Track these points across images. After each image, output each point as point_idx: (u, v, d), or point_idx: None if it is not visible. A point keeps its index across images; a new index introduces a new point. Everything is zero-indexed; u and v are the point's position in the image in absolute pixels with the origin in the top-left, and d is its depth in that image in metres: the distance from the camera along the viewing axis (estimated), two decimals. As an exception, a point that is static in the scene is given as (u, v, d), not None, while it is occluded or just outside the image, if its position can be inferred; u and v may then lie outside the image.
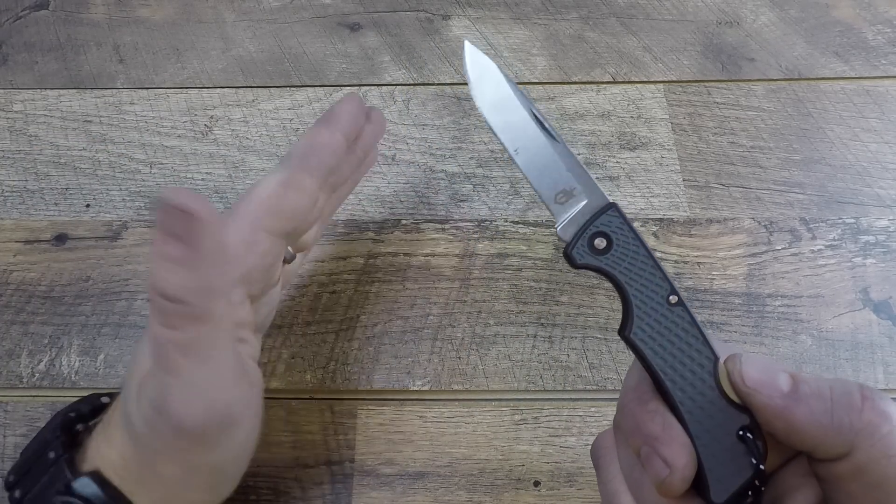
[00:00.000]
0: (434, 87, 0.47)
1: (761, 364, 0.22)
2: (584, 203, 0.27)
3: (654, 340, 0.24)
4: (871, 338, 0.38)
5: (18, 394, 0.37)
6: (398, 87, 0.47)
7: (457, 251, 0.41)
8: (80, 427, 0.28)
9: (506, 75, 0.29)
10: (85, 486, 0.25)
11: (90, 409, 0.29)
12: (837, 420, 0.20)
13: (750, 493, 0.23)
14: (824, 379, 0.22)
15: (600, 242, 0.26)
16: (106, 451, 0.26)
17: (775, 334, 0.38)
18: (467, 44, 0.30)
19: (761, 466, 0.22)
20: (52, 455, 0.26)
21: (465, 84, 0.47)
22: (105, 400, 0.29)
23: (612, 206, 0.26)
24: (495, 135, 0.28)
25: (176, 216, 0.22)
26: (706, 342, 0.24)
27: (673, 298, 0.24)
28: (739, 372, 0.22)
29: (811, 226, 0.41)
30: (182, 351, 0.23)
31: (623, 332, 0.25)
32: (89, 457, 0.26)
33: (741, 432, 0.23)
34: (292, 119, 0.46)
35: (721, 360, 0.24)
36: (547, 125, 0.28)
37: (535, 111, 0.28)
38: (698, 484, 0.23)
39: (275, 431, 0.35)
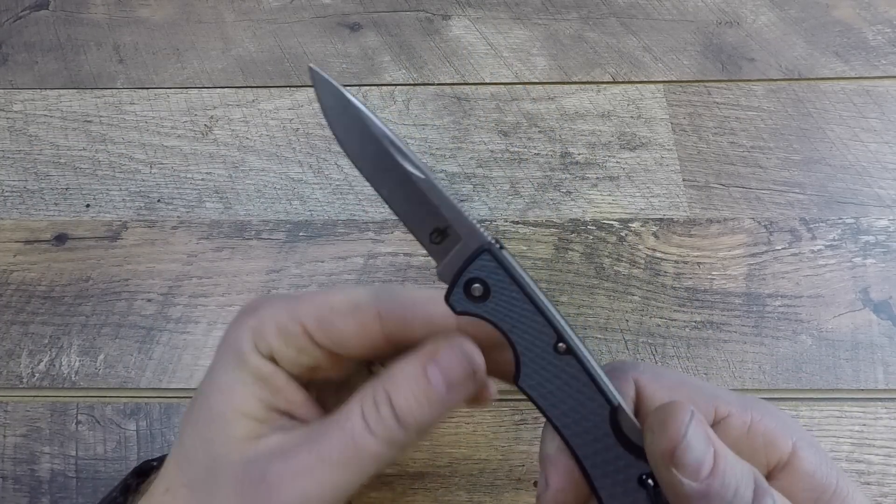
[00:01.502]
0: (434, 87, 0.47)
1: (703, 443, 0.21)
2: (458, 244, 0.24)
3: (544, 388, 0.23)
4: (871, 338, 0.38)
5: (18, 394, 0.37)
6: (398, 87, 0.47)
7: (457, 251, 0.41)
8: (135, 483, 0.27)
9: (360, 103, 0.26)
10: None
11: (142, 470, 0.28)
12: None
13: None
14: (740, 471, 0.21)
15: (477, 289, 0.24)
16: None
17: (775, 334, 0.38)
18: (315, 70, 0.26)
19: None
20: None
21: (466, 84, 0.48)
22: (155, 464, 0.28)
23: (486, 250, 0.24)
24: (360, 172, 0.25)
25: (463, 357, 0.24)
26: (599, 390, 0.23)
27: (561, 346, 0.23)
28: (675, 447, 0.20)
29: (811, 226, 0.41)
30: (360, 455, 0.23)
31: (515, 379, 0.24)
32: None
33: (643, 476, 0.22)
34: (292, 119, 0.46)
35: (652, 396, 0.23)
36: (412, 157, 0.25)
37: (395, 142, 0.25)
38: None
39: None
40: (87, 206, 0.43)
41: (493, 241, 0.24)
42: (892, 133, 0.45)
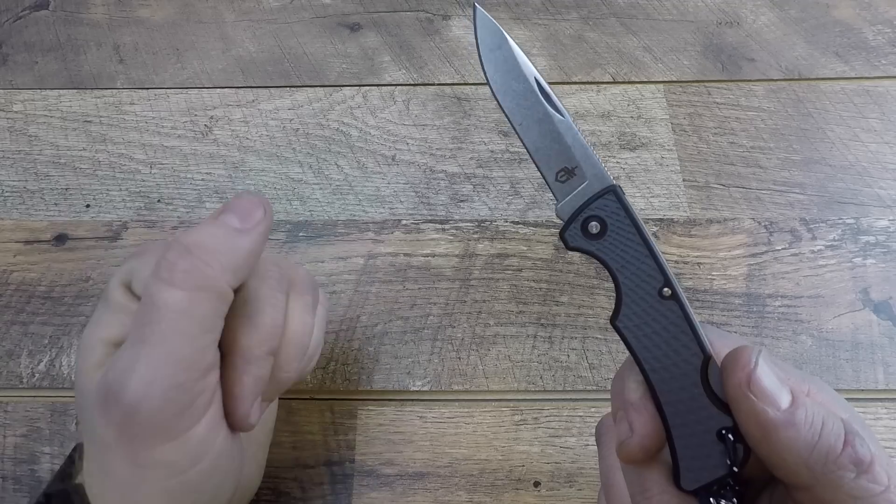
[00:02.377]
0: (434, 87, 0.47)
1: (774, 376, 0.22)
2: (584, 184, 0.26)
3: (642, 331, 0.24)
4: (871, 338, 0.38)
5: (18, 394, 0.37)
6: (398, 87, 0.47)
7: (457, 251, 0.41)
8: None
9: (515, 44, 0.28)
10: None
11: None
12: (815, 456, 0.20)
13: (724, 489, 0.23)
14: (820, 408, 0.21)
15: (594, 227, 0.25)
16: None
17: (775, 334, 0.38)
18: (478, 8, 0.28)
19: (735, 469, 0.22)
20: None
21: (466, 84, 0.47)
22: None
23: (611, 190, 0.25)
24: (500, 106, 0.27)
25: (253, 202, 0.25)
26: (697, 339, 0.23)
27: (666, 291, 0.24)
28: (749, 374, 0.21)
29: (811, 226, 0.41)
30: (167, 314, 0.22)
31: (612, 319, 0.24)
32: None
33: (723, 431, 0.23)
34: (292, 119, 0.46)
35: (720, 353, 0.23)
36: (553, 99, 0.27)
37: (541, 83, 0.27)
38: (675, 470, 0.23)
39: (275, 432, 0.35)
40: (87, 206, 0.43)
41: (617, 185, 0.25)
42: (892, 133, 0.45)
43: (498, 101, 0.27)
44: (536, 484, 0.34)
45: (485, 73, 0.27)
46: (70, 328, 0.39)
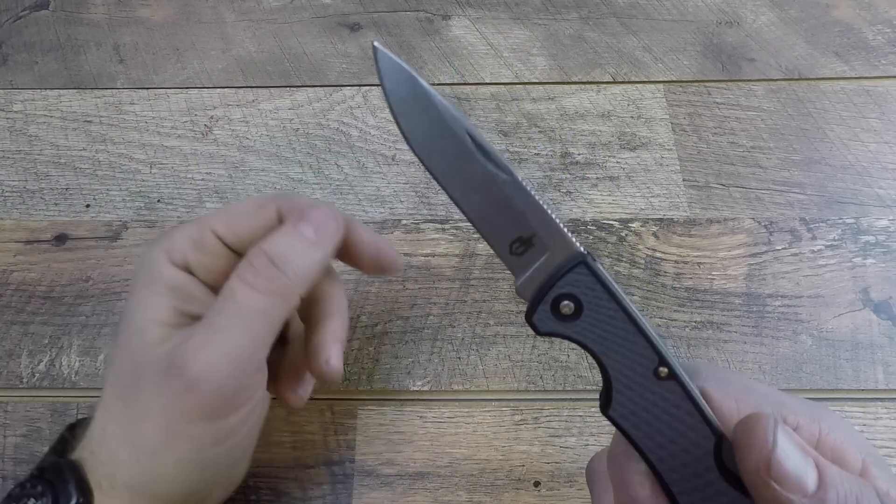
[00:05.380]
0: (434, 87, 0.47)
1: (797, 453, 0.19)
2: (545, 255, 0.21)
3: (640, 418, 0.21)
4: (871, 338, 0.38)
5: (18, 394, 0.37)
6: (398, 87, 0.47)
7: (457, 251, 0.41)
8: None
9: (433, 90, 0.23)
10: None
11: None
12: None
13: None
14: (851, 483, 0.19)
15: (567, 307, 0.21)
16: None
17: (775, 334, 0.38)
18: (380, 50, 0.22)
19: None
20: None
21: (466, 84, 0.48)
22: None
23: (581, 261, 0.21)
24: (427, 169, 0.22)
25: (328, 215, 0.27)
26: (705, 419, 0.20)
27: (663, 371, 0.20)
28: (768, 457, 0.18)
29: (811, 226, 0.41)
30: (245, 312, 0.25)
31: (603, 408, 0.21)
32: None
33: None
34: (292, 119, 0.46)
35: (720, 404, 0.21)
36: (493, 155, 0.22)
37: (475, 136, 0.22)
38: None
39: (275, 431, 0.35)
40: (87, 206, 0.43)
41: (586, 252, 0.21)
42: (892, 133, 0.45)
43: (423, 164, 0.22)
44: (536, 484, 0.34)
45: (401, 131, 0.22)
46: (70, 328, 0.39)
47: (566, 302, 0.21)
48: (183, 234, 0.27)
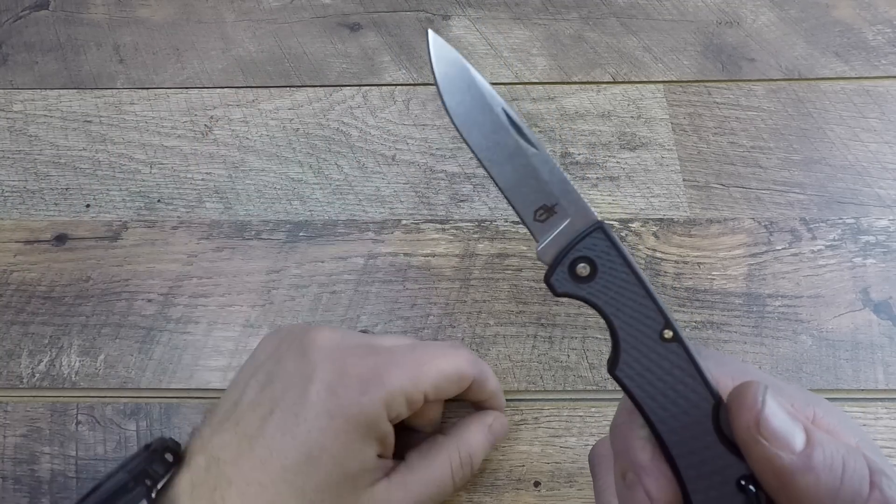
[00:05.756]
0: (434, 87, 0.47)
1: (785, 414, 0.20)
2: (566, 222, 0.24)
3: (645, 379, 0.22)
4: (871, 338, 0.38)
5: (18, 394, 0.37)
6: (398, 87, 0.47)
7: (457, 251, 0.41)
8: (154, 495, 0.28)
9: (476, 71, 0.25)
10: None
11: (164, 472, 0.28)
12: (840, 502, 0.19)
13: None
14: (839, 446, 0.19)
15: (583, 269, 0.23)
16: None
17: (775, 334, 0.38)
18: (432, 35, 0.26)
19: None
20: None
21: (465, 84, 0.47)
22: (170, 458, 0.28)
23: (599, 227, 0.23)
24: (465, 141, 0.25)
25: (504, 420, 0.34)
26: (705, 382, 0.22)
27: (668, 333, 0.22)
28: (757, 415, 0.19)
29: (811, 226, 0.41)
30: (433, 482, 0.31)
31: (610, 368, 0.23)
32: None
33: (742, 482, 0.21)
34: (292, 119, 0.46)
35: (720, 382, 0.22)
36: (525, 130, 0.25)
37: (509, 112, 0.25)
38: None
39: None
40: (87, 206, 0.43)
41: (603, 221, 0.23)
42: (892, 133, 0.45)
43: (462, 137, 0.25)
44: (536, 484, 0.34)
45: (444, 107, 0.25)
46: (70, 328, 0.39)
47: (583, 264, 0.23)
48: (401, 393, 0.28)
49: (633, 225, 0.41)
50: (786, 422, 0.19)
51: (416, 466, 0.30)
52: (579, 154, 0.44)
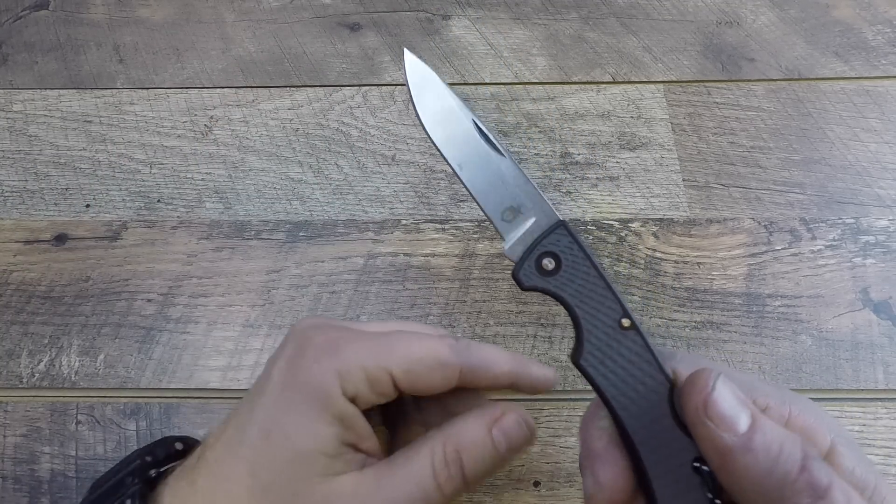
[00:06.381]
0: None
1: (733, 399, 0.21)
2: (531, 221, 0.26)
3: (605, 366, 0.23)
4: (871, 338, 0.38)
5: (18, 394, 0.37)
6: (398, 87, 0.47)
7: (457, 251, 0.41)
8: (153, 473, 0.27)
9: (447, 86, 0.28)
10: None
11: (165, 455, 0.28)
12: (771, 482, 0.20)
13: None
14: (780, 432, 0.21)
15: (549, 263, 0.25)
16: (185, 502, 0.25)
17: (775, 334, 0.38)
18: (406, 53, 0.28)
19: (717, 501, 0.22)
20: (128, 503, 0.25)
21: (466, 84, 0.47)
22: (179, 446, 0.29)
23: (561, 224, 0.25)
24: (437, 149, 0.27)
25: (521, 421, 0.27)
26: (660, 368, 0.23)
27: (625, 322, 0.24)
28: (706, 398, 0.21)
29: (811, 226, 0.41)
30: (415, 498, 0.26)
31: (574, 358, 0.24)
32: None
33: (696, 464, 0.22)
34: (292, 119, 0.46)
35: (683, 374, 0.23)
36: (492, 138, 0.27)
37: (479, 124, 0.27)
38: None
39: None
40: (87, 206, 0.43)
41: (566, 221, 0.26)
42: (892, 133, 0.45)
43: (437, 148, 0.27)
44: (536, 484, 0.34)
45: (420, 120, 0.27)
46: (70, 328, 0.39)
47: (548, 259, 0.25)
48: (359, 366, 0.26)
49: (633, 225, 0.41)
50: (732, 406, 0.21)
51: (394, 461, 0.26)
52: (579, 154, 0.44)
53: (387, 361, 0.26)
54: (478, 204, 0.26)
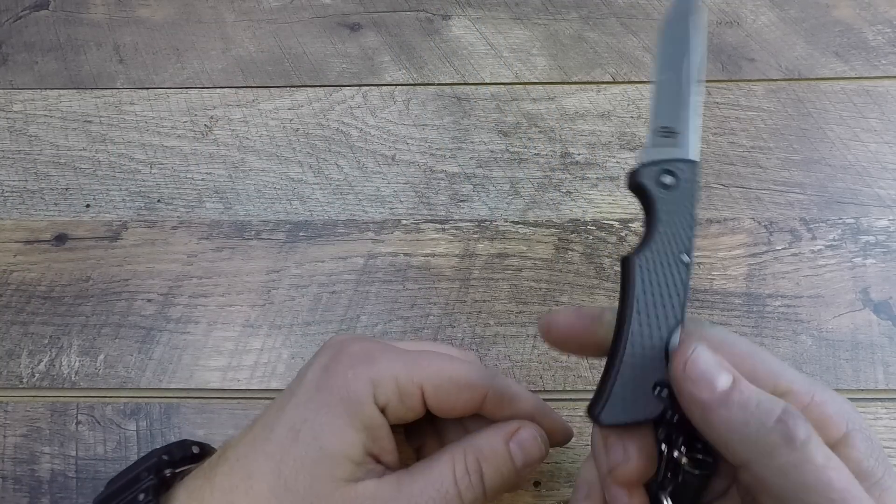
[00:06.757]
0: (434, 87, 0.47)
1: (713, 362, 0.23)
2: (677, 149, 0.28)
3: (650, 278, 0.25)
4: (871, 338, 0.38)
5: (18, 394, 0.37)
6: (398, 87, 0.47)
7: (457, 251, 0.41)
8: (168, 472, 0.28)
9: (699, 25, 0.31)
10: None
11: (181, 456, 0.29)
12: (748, 431, 0.21)
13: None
14: (759, 392, 0.22)
15: (669, 180, 0.27)
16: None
17: (775, 334, 0.38)
18: None
19: (649, 419, 0.24)
20: (142, 497, 0.26)
21: (466, 84, 0.47)
22: (195, 450, 0.29)
23: (696, 164, 0.27)
24: (658, 49, 0.30)
25: (537, 437, 0.29)
26: (682, 307, 0.25)
27: (685, 258, 0.26)
28: (685, 359, 0.23)
29: (811, 226, 0.41)
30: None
31: (634, 254, 0.26)
32: None
33: (657, 387, 0.24)
34: (292, 119, 0.46)
35: (679, 333, 0.25)
36: (700, 79, 0.29)
37: (699, 64, 0.30)
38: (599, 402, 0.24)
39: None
40: (87, 206, 0.43)
41: (698, 161, 0.28)
42: (892, 133, 0.45)
43: (658, 46, 0.31)
44: (536, 484, 0.34)
45: (664, 30, 0.31)
46: (70, 328, 0.39)
47: (670, 178, 0.27)
48: (392, 377, 0.27)
49: (634, 225, 0.41)
50: (710, 366, 0.22)
51: (415, 469, 0.27)
52: (579, 154, 0.44)
53: (419, 376, 0.27)
54: (651, 106, 0.29)
